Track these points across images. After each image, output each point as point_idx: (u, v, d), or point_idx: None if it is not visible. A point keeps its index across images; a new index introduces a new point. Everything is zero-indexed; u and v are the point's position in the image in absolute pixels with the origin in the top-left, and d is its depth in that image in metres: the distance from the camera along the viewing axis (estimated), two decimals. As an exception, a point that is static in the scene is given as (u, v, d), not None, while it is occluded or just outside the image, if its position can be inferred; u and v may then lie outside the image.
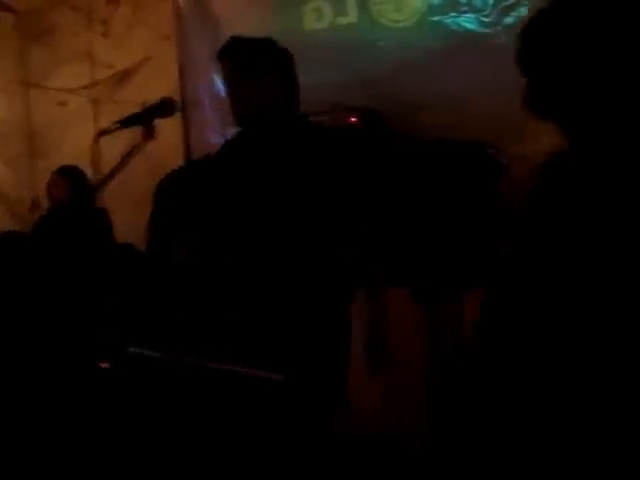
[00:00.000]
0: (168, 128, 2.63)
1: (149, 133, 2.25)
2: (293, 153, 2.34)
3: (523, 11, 3.50)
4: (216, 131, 4.06)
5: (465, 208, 2.50)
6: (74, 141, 4.41)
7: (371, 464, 3.08)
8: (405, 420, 3.15)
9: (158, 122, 2.41)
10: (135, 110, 2.32)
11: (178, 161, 3.49)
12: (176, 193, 2.48)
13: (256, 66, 2.39)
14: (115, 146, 2.34)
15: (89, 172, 2.40)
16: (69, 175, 3.86)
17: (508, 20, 3.55)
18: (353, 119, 3.57)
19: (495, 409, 1.47)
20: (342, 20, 3.88)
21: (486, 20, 3.61)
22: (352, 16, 3.86)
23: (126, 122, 2.27)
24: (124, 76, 4.50)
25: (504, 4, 3.58)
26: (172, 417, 1.89)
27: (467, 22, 3.64)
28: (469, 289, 2.84)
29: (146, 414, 1.88)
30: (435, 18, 3.68)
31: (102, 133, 2.27)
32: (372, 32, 3.80)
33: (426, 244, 2.11)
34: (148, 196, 2.55)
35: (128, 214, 3.98)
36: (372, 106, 3.66)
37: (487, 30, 3.59)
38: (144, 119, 2.26)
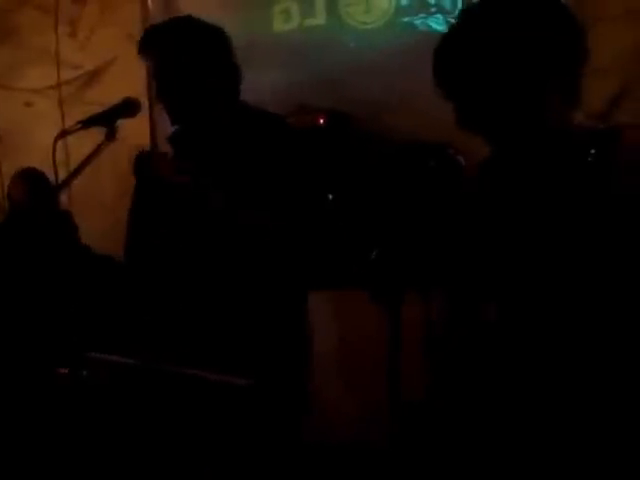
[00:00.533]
0: (135, 129, 2.61)
1: (112, 134, 2.23)
2: (237, 147, 2.26)
3: (491, 13, 3.53)
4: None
5: (425, 208, 2.51)
6: (40, 143, 4.36)
7: (340, 471, 3.08)
8: (372, 426, 3.14)
9: (125, 123, 2.39)
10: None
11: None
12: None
13: (185, 54, 2.29)
14: (83, 147, 2.32)
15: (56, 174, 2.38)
16: (28, 178, 3.81)
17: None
18: (321, 120, 3.57)
19: (468, 411, 1.47)
20: (310, 22, 3.87)
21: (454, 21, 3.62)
22: (320, 18, 3.85)
23: (88, 122, 2.25)
24: (91, 77, 4.46)
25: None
26: (134, 424, 1.87)
27: (436, 23, 3.66)
28: (433, 289, 2.86)
29: (106, 421, 1.86)
30: (404, 19, 3.70)
31: (63, 134, 2.24)
32: (340, 33, 3.81)
33: (388, 244, 2.10)
34: (115, 199, 2.53)
35: (95, 217, 3.94)
36: (340, 108, 3.66)
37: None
38: (107, 119, 2.23)
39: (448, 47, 1.57)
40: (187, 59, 2.29)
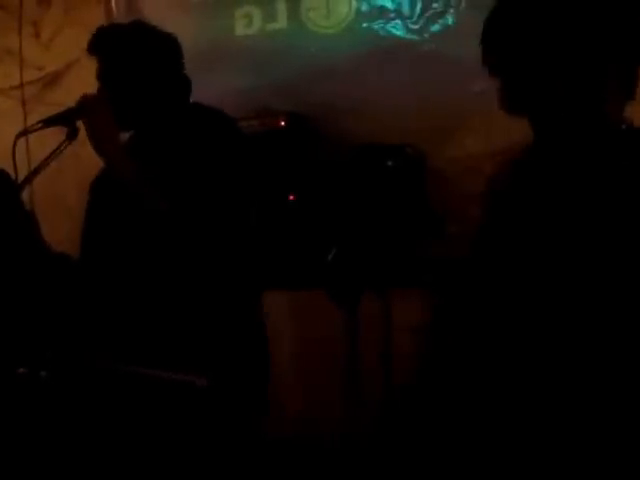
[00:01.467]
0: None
1: (73, 134, 2.22)
2: (185, 149, 2.24)
3: (449, 19, 3.61)
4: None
5: (386, 208, 2.57)
6: (1, 143, 4.35)
7: (294, 466, 3.10)
8: (326, 421, 3.19)
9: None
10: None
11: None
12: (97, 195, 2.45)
13: (131, 57, 2.27)
14: (46, 148, 2.32)
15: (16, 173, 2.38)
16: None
17: (435, 27, 3.65)
18: (282, 122, 3.62)
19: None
20: (272, 26, 3.91)
21: (413, 27, 3.70)
22: (282, 22, 3.89)
23: (49, 122, 2.25)
24: (55, 77, 4.45)
25: (431, 12, 3.67)
26: (91, 424, 1.87)
27: (394, 29, 3.72)
28: (394, 289, 2.91)
29: (64, 422, 1.86)
30: (364, 24, 3.75)
31: (23, 133, 2.23)
32: (301, 38, 3.85)
33: (348, 245, 2.15)
34: (79, 202, 2.51)
35: (58, 220, 3.93)
36: (300, 111, 3.71)
37: (414, 37, 3.68)
38: (67, 119, 2.23)
39: (503, 13, 1.43)
40: (130, 65, 2.28)
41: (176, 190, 2.15)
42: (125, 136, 2.40)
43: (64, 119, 2.23)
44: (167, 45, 2.36)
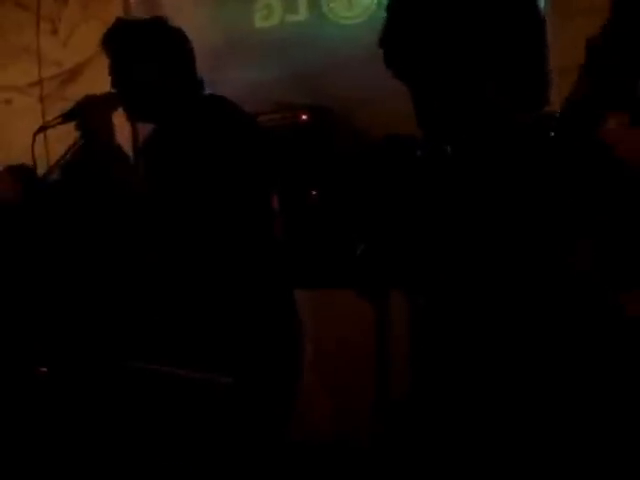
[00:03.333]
0: (116, 123, 2.58)
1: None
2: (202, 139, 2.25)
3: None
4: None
5: (412, 200, 2.50)
6: (21, 140, 4.33)
7: (323, 472, 3.07)
8: (355, 426, 3.14)
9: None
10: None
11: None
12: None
13: (143, 51, 2.29)
14: (64, 144, 2.31)
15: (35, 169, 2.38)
16: (17, 174, 3.76)
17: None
18: (304, 117, 3.56)
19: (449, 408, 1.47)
20: (292, 18, 3.86)
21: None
22: (302, 14, 3.84)
23: (67, 116, 2.24)
24: (73, 73, 4.44)
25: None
26: (115, 423, 1.86)
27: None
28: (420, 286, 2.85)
29: (86, 420, 1.85)
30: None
31: (42, 129, 2.24)
32: (322, 29, 3.80)
33: (376, 239, 2.09)
34: None
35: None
36: (322, 104, 3.65)
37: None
38: (73, 116, 2.23)
39: (395, 19, 1.47)
40: (141, 60, 2.30)
41: (190, 184, 2.16)
42: (147, 130, 2.43)
43: (72, 116, 2.23)
44: (178, 42, 2.36)
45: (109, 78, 2.43)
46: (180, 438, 1.86)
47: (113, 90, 2.35)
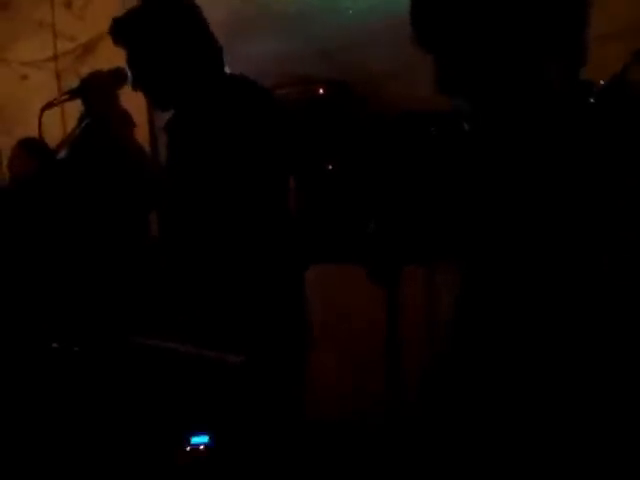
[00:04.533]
0: (132, 104, 2.56)
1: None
2: (224, 123, 2.21)
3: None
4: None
5: (431, 181, 2.47)
6: (37, 115, 4.32)
7: (335, 449, 3.07)
8: (368, 403, 3.13)
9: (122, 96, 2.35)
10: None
11: (143, 138, 3.42)
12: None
13: (156, 40, 2.21)
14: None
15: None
16: (30, 148, 3.75)
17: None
18: (320, 91, 3.53)
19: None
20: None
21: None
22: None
23: (74, 93, 2.22)
24: (88, 48, 4.40)
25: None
26: (127, 400, 1.85)
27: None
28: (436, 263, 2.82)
29: (98, 397, 1.85)
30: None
31: (48, 106, 2.21)
32: (341, 3, 3.75)
33: (386, 217, 2.06)
34: None
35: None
36: (338, 76, 3.62)
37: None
38: (79, 94, 2.21)
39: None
40: (162, 45, 2.22)
41: (212, 166, 2.14)
42: (165, 116, 2.37)
43: (78, 93, 2.21)
44: (191, 18, 2.27)
45: (123, 53, 2.39)
46: (191, 415, 1.85)
47: (120, 66, 2.31)
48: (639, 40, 3.18)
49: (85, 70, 4.38)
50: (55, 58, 4.46)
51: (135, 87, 2.28)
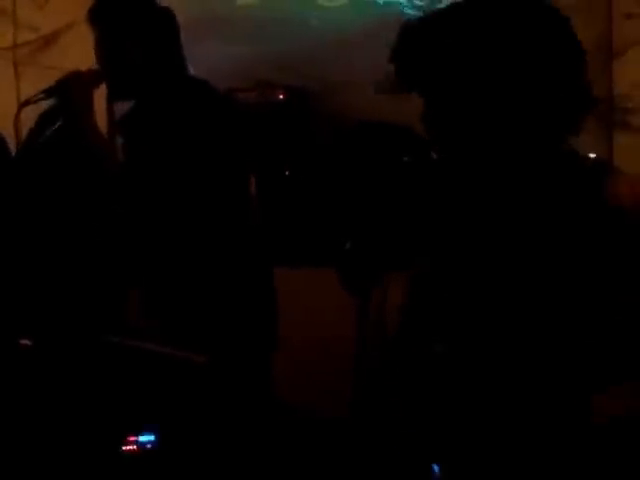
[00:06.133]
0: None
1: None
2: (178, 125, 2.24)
3: (455, -3, 3.55)
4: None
5: (388, 191, 2.52)
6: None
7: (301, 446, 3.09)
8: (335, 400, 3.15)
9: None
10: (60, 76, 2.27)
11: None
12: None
13: (131, 28, 2.25)
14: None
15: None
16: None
17: (440, 5, 3.59)
18: (280, 96, 3.56)
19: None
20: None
21: (419, 3, 3.66)
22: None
23: (51, 92, 2.22)
24: (50, 40, 4.36)
25: (437, -11, 3.63)
26: (90, 398, 1.85)
27: (399, 4, 3.68)
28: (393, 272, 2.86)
29: (64, 394, 1.84)
30: (368, -1, 3.70)
31: (25, 104, 2.21)
32: (304, 10, 3.79)
33: (361, 234, 2.11)
34: None
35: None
36: (300, 84, 3.66)
37: (418, 13, 3.63)
38: (56, 94, 2.22)
39: (425, 32, 1.37)
40: (129, 36, 2.26)
41: (165, 165, 2.16)
42: (124, 108, 2.38)
43: (56, 92, 2.22)
44: (164, 19, 2.32)
45: (89, 45, 2.40)
46: (156, 414, 1.86)
47: (97, 67, 2.32)
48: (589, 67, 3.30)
49: (45, 62, 4.36)
50: (14, 48, 4.40)
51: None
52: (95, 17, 2.30)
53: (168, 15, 2.33)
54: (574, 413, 1.35)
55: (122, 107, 2.47)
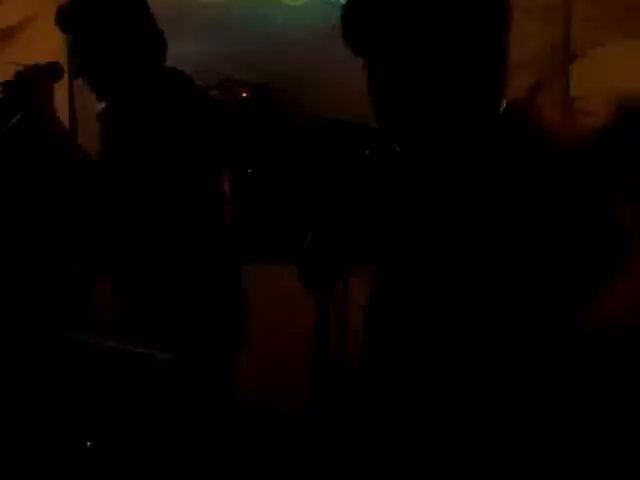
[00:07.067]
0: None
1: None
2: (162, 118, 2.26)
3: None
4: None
5: (348, 189, 2.54)
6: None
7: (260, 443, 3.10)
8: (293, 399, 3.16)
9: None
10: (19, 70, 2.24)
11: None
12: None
13: (105, 28, 2.27)
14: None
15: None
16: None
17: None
18: (244, 94, 3.56)
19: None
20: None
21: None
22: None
23: (9, 85, 2.20)
24: (5, 35, 4.30)
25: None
26: (53, 394, 1.83)
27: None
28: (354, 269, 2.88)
29: (27, 392, 1.82)
30: (329, -4, 3.70)
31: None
32: (267, 7, 3.79)
33: (322, 231, 2.12)
34: None
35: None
36: (264, 82, 3.66)
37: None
38: (13, 88, 2.20)
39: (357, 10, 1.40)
40: (108, 33, 2.27)
41: (143, 161, 2.18)
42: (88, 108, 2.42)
43: (14, 85, 2.20)
44: (136, 7, 2.34)
45: (49, 40, 2.39)
46: (118, 412, 1.85)
47: (56, 60, 2.31)
48: (548, 69, 3.36)
49: (2, 57, 4.28)
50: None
51: (77, 75, 2.31)
52: (68, 21, 2.30)
53: (142, 5, 2.35)
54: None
55: (87, 102, 2.47)
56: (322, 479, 2.44)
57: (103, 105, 2.39)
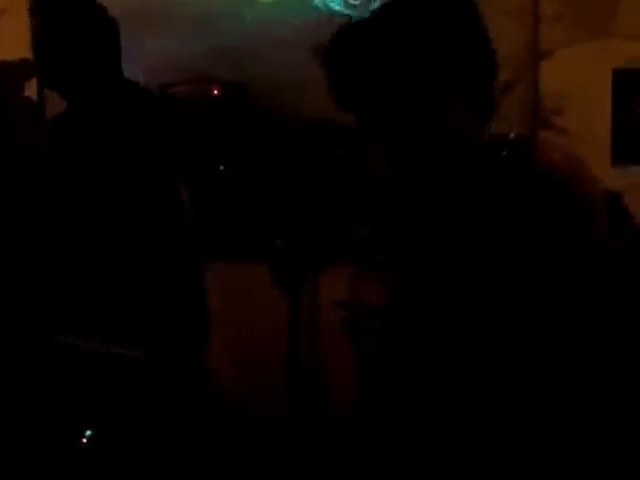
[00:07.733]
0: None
1: None
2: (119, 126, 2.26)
3: (390, -2, 3.60)
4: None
5: (322, 188, 2.55)
6: None
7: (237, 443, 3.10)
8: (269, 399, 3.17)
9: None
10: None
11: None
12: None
13: (71, 24, 2.28)
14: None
15: None
16: None
17: (374, 5, 3.64)
18: (215, 91, 3.55)
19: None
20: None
21: (354, 3, 3.71)
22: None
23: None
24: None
25: (373, -11, 3.67)
26: (24, 394, 1.83)
27: (334, 3, 3.72)
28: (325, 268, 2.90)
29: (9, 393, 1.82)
30: (305, -4, 3.72)
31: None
32: (241, 4, 3.79)
33: (293, 232, 2.13)
34: None
35: None
36: (238, 80, 3.65)
37: (351, 12, 3.68)
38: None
39: (342, 44, 1.48)
40: (71, 31, 2.28)
41: (97, 169, 2.19)
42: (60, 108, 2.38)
43: None
44: (107, 22, 2.35)
45: (18, 36, 2.38)
46: (91, 410, 1.85)
47: (27, 57, 2.30)
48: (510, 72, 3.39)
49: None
50: None
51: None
52: (39, 12, 2.30)
53: (108, 18, 2.35)
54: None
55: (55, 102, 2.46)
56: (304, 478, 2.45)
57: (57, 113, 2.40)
